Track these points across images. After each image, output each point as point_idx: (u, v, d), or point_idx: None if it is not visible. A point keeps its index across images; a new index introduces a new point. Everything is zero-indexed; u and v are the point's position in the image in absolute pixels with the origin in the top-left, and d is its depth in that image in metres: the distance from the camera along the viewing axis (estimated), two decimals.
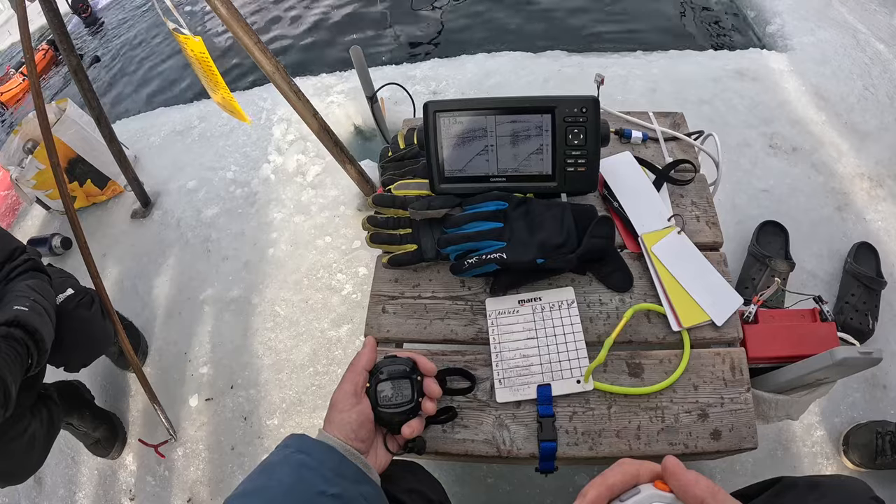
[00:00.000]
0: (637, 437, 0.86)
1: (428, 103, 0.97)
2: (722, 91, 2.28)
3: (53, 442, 1.42)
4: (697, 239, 1.04)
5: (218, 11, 1.33)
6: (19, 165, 2.34)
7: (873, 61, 2.36)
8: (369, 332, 1.02)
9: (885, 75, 2.30)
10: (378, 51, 3.58)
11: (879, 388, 1.51)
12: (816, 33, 2.53)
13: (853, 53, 2.40)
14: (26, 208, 2.74)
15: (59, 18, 1.71)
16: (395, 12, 3.93)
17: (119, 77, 4.45)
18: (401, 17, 3.86)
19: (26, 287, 1.23)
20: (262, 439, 1.70)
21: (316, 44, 3.91)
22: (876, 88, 2.25)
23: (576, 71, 2.51)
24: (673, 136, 1.20)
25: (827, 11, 2.66)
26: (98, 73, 4.54)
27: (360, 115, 2.58)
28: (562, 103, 0.96)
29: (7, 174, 2.45)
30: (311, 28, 4.07)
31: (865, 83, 2.27)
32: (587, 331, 0.95)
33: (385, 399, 0.78)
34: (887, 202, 1.89)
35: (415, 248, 1.03)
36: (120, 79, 4.42)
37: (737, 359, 0.91)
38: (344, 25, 3.99)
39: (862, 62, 2.36)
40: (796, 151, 2.06)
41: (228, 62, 3.93)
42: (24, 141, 2.41)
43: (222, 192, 2.40)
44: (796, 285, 1.69)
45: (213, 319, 2.00)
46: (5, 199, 2.76)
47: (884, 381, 1.51)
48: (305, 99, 1.50)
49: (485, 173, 1.02)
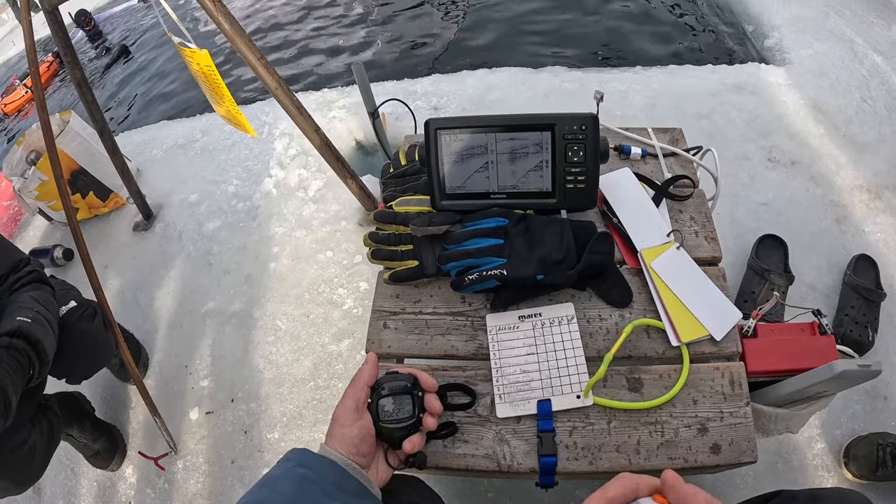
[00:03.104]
0: (637, 451, 0.86)
1: (429, 121, 0.99)
2: (720, 105, 2.29)
3: (53, 453, 1.42)
4: (696, 254, 1.05)
5: (222, 27, 1.35)
6: (22, 176, 2.35)
7: (871, 73, 2.38)
8: (371, 348, 1.03)
9: (883, 87, 2.31)
10: (379, 66, 3.60)
11: (880, 400, 1.51)
12: (814, 46, 2.54)
13: (851, 66, 2.42)
14: (28, 219, 2.76)
15: (63, 31, 1.72)
16: (395, 26, 3.96)
17: (121, 89, 4.48)
18: (400, 32, 3.88)
19: (30, 298, 1.24)
20: (263, 453, 1.70)
21: (316, 58, 3.94)
22: (874, 100, 2.26)
23: (576, 86, 2.52)
24: (672, 152, 1.21)
25: (825, 24, 2.67)
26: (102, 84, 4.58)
27: (361, 130, 2.59)
28: (561, 120, 0.97)
29: (10, 185, 2.46)
30: (310, 42, 4.11)
31: (863, 95, 2.28)
32: (587, 346, 0.96)
33: (386, 414, 0.79)
34: (886, 214, 1.90)
35: (416, 264, 1.04)
36: (122, 91, 4.45)
37: (736, 373, 0.92)
38: (343, 39, 4.02)
39: (860, 74, 2.38)
40: (795, 164, 2.06)
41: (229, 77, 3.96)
42: (28, 152, 2.43)
43: (224, 205, 2.41)
44: (796, 298, 1.69)
45: (215, 332, 2.00)
46: (7, 210, 2.77)
47: (884, 393, 1.51)
48: (307, 114, 1.51)
49: (485, 190, 1.03)
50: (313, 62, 3.91)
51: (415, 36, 3.79)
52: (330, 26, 4.21)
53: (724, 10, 3.25)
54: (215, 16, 1.33)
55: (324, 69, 3.79)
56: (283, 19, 4.50)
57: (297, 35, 4.26)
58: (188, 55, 1.50)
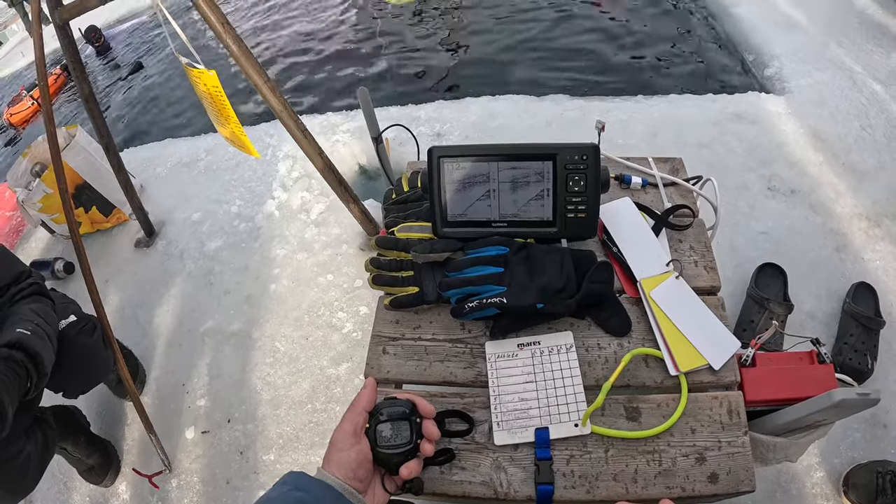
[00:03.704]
0: (634, 480, 0.86)
1: (432, 148, 1.00)
2: (721, 134, 2.32)
3: (47, 465, 1.42)
4: (695, 283, 1.05)
5: (230, 49, 1.37)
6: (26, 188, 2.37)
7: (870, 101, 2.41)
8: (369, 373, 1.03)
9: (882, 115, 2.34)
10: (383, 91, 3.64)
11: (880, 428, 1.51)
12: (814, 75, 2.57)
13: (850, 94, 2.45)
14: (30, 230, 2.78)
15: (73, 46, 1.75)
16: (400, 51, 4.00)
17: (127, 105, 4.51)
18: (405, 57, 3.93)
19: (30, 311, 1.25)
20: (258, 474, 1.70)
21: (320, 81, 3.98)
22: (873, 129, 2.28)
23: (578, 114, 2.55)
24: (672, 182, 1.22)
25: (824, 53, 2.72)
26: (108, 101, 4.61)
27: (364, 154, 2.61)
28: (563, 151, 0.98)
29: (13, 195, 2.48)
30: (315, 66, 4.15)
31: (863, 123, 2.31)
32: (585, 374, 0.96)
33: (384, 440, 0.79)
34: (885, 241, 1.91)
35: (416, 290, 1.04)
36: (128, 107, 4.49)
37: (734, 402, 0.92)
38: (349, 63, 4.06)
39: (859, 102, 2.41)
40: (794, 193, 2.09)
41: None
42: (32, 164, 2.45)
43: (226, 225, 2.42)
44: (795, 326, 1.70)
45: (213, 352, 2.01)
46: (10, 220, 2.80)
47: (884, 421, 1.52)
48: (312, 138, 1.53)
49: (486, 218, 1.04)
50: (317, 86, 3.95)
51: (419, 62, 3.83)
52: (335, 50, 4.26)
53: (725, 40, 3.30)
54: (224, 38, 1.36)
55: (328, 93, 3.82)
56: (290, 45, 4.54)
57: (302, 58, 4.31)
58: (195, 76, 1.52)
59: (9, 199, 2.83)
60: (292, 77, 4.12)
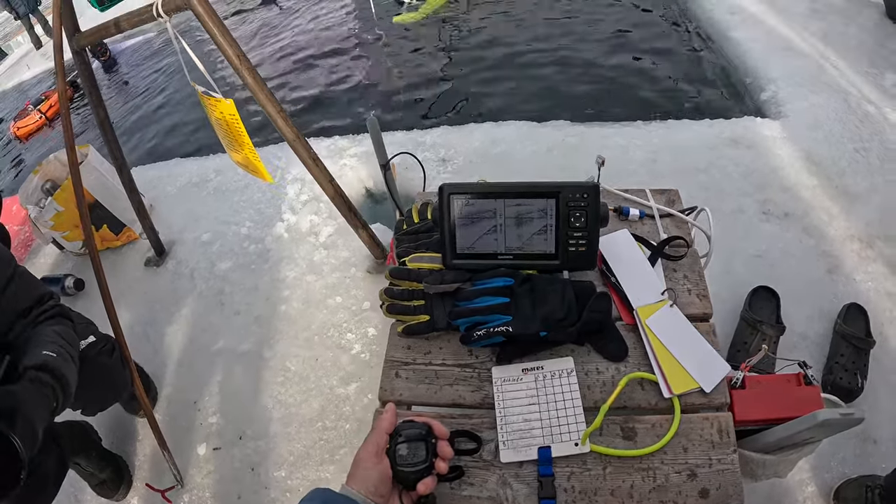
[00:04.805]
0: (630, 495, 0.92)
1: (443, 185, 1.06)
2: (717, 159, 2.36)
3: (63, 480, 1.45)
4: (688, 310, 1.11)
5: (246, 81, 1.43)
6: (37, 205, 2.39)
7: (864, 123, 2.44)
8: (383, 395, 1.09)
9: (876, 137, 2.37)
10: (390, 116, 3.68)
11: (870, 443, 1.54)
12: (810, 98, 2.61)
13: (845, 117, 2.48)
14: (39, 245, 2.79)
15: (89, 71, 1.80)
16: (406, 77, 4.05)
17: (132, 123, 4.57)
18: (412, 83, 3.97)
19: (53, 333, 1.27)
20: (269, 490, 1.73)
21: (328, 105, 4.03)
22: (867, 151, 2.32)
23: (578, 140, 2.59)
24: (668, 213, 1.28)
25: (820, 76, 2.75)
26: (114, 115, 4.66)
27: (371, 178, 2.65)
28: (565, 189, 1.05)
29: (20, 210, 2.51)
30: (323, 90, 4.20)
31: (856, 146, 2.34)
32: (585, 397, 1.02)
33: (402, 459, 0.85)
34: (877, 263, 1.94)
35: (427, 318, 1.11)
36: (133, 125, 4.55)
37: (724, 422, 0.97)
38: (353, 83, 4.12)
39: (853, 125, 2.44)
40: (788, 217, 2.12)
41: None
42: (44, 181, 2.48)
43: (236, 246, 2.46)
44: (787, 346, 1.74)
45: (224, 371, 2.05)
46: (18, 234, 2.82)
47: (874, 436, 1.55)
48: (323, 166, 1.58)
49: (493, 251, 1.10)
50: (323, 107, 4.00)
51: (426, 90, 3.88)
52: (343, 75, 4.31)
53: (722, 64, 3.34)
54: (240, 70, 1.42)
55: (336, 117, 3.86)
56: (294, 67, 4.60)
57: (306, 78, 4.36)
58: (212, 104, 1.56)
59: (17, 213, 2.86)
60: (297, 101, 4.16)
